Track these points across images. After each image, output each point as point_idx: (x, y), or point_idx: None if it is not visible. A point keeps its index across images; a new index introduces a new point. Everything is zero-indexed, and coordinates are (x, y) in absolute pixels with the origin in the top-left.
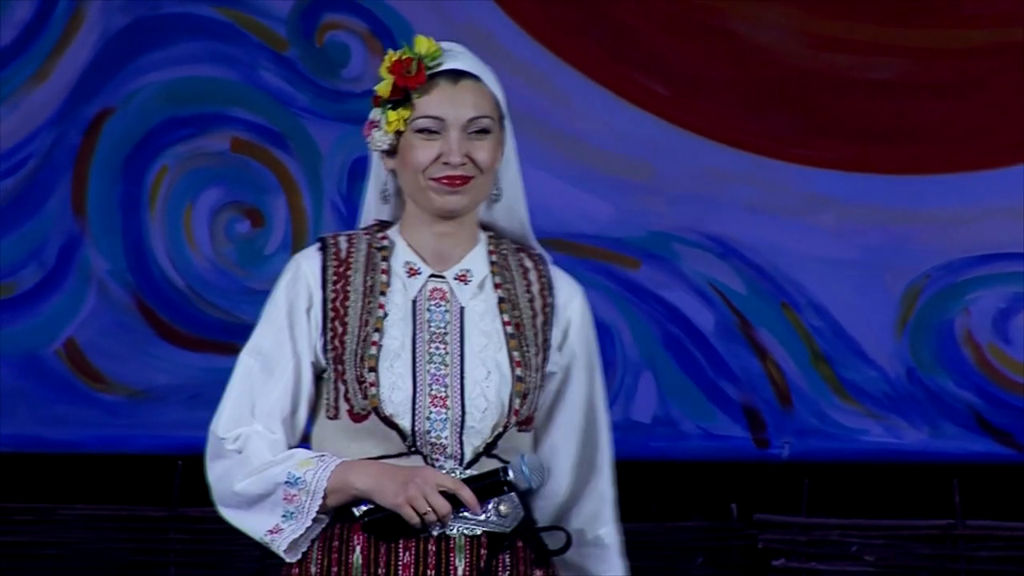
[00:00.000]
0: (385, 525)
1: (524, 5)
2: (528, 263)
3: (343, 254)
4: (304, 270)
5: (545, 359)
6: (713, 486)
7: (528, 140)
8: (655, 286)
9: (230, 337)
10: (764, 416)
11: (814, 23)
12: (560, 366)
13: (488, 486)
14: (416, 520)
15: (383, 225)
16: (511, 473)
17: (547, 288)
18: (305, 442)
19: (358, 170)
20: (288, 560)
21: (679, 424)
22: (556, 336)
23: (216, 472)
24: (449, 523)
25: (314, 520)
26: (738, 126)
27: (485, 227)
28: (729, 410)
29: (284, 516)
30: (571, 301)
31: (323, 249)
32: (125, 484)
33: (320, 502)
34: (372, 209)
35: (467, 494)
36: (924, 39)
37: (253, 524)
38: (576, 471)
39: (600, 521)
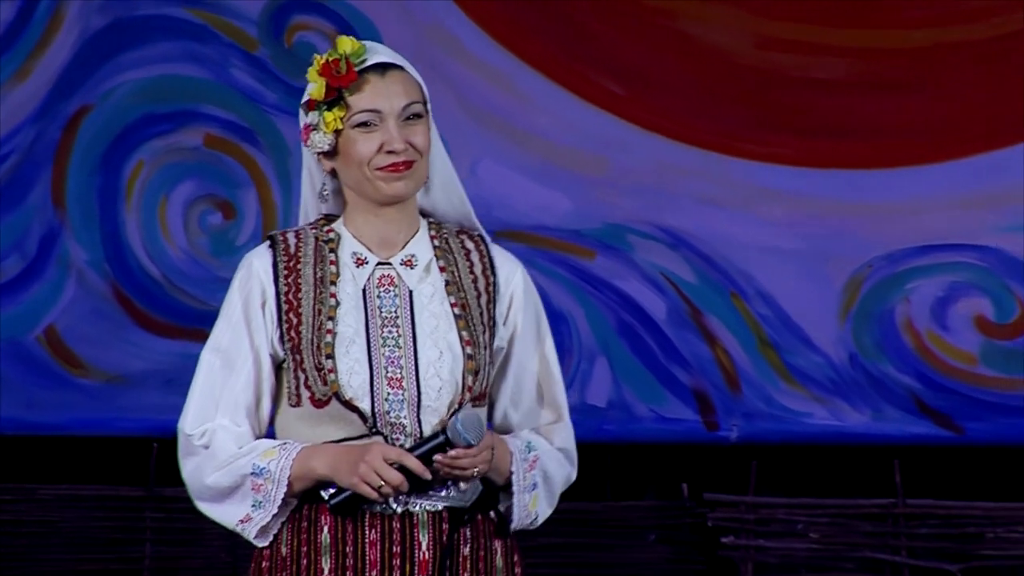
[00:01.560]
0: (349, 504)
1: (485, 8)
2: (469, 244)
3: (292, 249)
4: (256, 267)
5: (492, 335)
6: (665, 467)
7: (489, 137)
8: (610, 276)
9: (204, 324)
10: (713, 400)
11: (762, 24)
12: (506, 339)
13: (430, 449)
14: (374, 495)
15: (328, 219)
16: (449, 433)
17: (489, 268)
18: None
19: None
20: (259, 545)
21: (632, 408)
22: (500, 312)
23: (188, 468)
24: (406, 493)
25: (282, 506)
26: (689, 123)
27: (424, 214)
28: (680, 394)
29: (253, 505)
30: (512, 276)
31: (272, 246)
32: (103, 465)
33: (285, 489)
34: (310, 208)
35: (412, 462)
36: (867, 39)
37: (226, 515)
38: (529, 424)
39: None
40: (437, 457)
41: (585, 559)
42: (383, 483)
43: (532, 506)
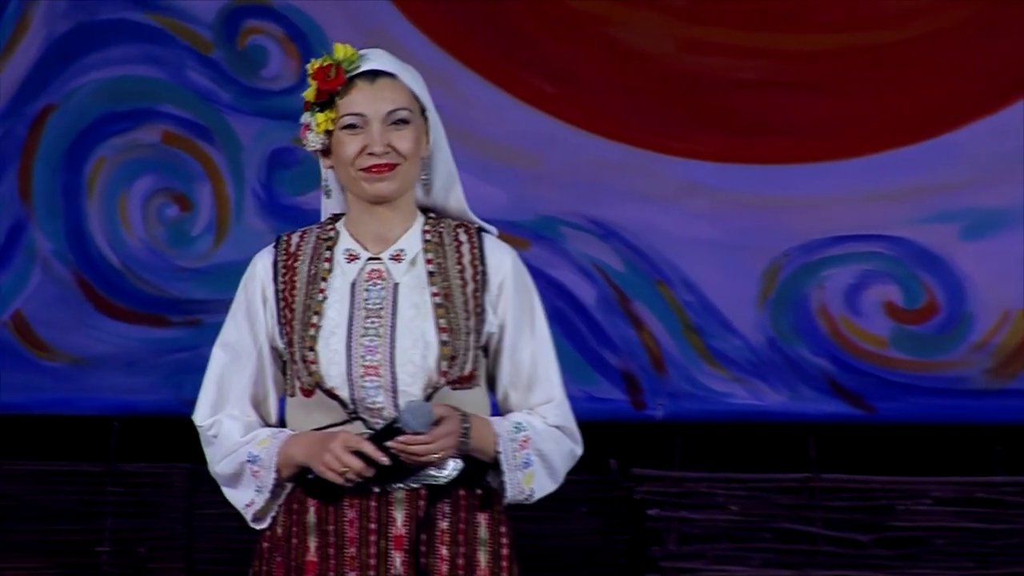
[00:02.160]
0: (324, 487)
1: (426, 14)
2: (463, 237)
3: (293, 248)
4: (258, 267)
5: (480, 321)
6: (595, 444)
7: None
8: (543, 265)
9: (161, 310)
10: (641, 381)
11: (686, 29)
12: (497, 325)
13: (384, 436)
14: (339, 480)
15: (336, 218)
16: (400, 419)
17: (478, 258)
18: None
19: (276, 160)
20: (256, 528)
21: (565, 388)
22: (490, 299)
23: (208, 457)
24: (385, 480)
25: (274, 490)
26: (618, 121)
27: (427, 210)
28: (610, 376)
29: (256, 490)
30: (502, 265)
31: (276, 245)
32: (66, 442)
33: (275, 476)
34: (327, 205)
35: (368, 447)
36: (783, 43)
37: (237, 499)
38: (524, 404)
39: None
40: (390, 443)
41: (520, 530)
42: (346, 469)
43: (527, 483)
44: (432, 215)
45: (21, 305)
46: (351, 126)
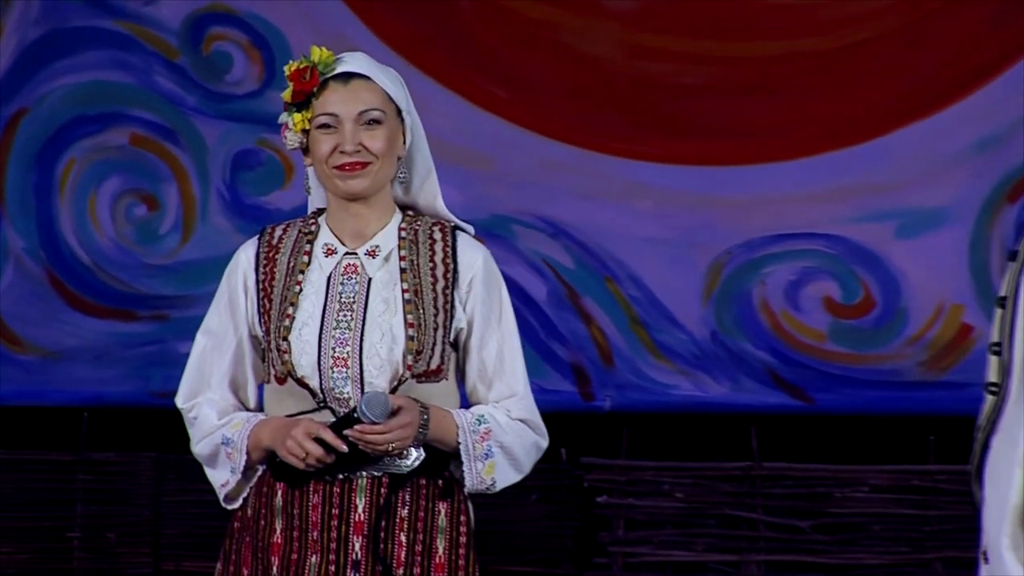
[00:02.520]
0: (289, 471)
1: (384, 20)
2: (438, 235)
3: (275, 241)
4: (241, 258)
5: (449, 316)
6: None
7: None
8: (496, 261)
9: (129, 306)
10: (589, 373)
11: (635, 36)
12: (467, 320)
13: (343, 424)
14: (300, 465)
15: (318, 212)
16: (357, 409)
17: (451, 255)
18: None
19: (239, 162)
20: (228, 508)
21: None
22: (460, 296)
23: (191, 438)
24: (346, 467)
25: (246, 472)
26: (568, 124)
27: (406, 207)
28: (559, 368)
29: (231, 471)
30: (473, 263)
31: (260, 237)
32: (38, 432)
33: (246, 459)
34: (312, 200)
35: (328, 436)
36: (729, 50)
37: (215, 479)
38: (491, 398)
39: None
40: (348, 431)
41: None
42: (306, 455)
43: (487, 473)
44: (410, 212)
45: None
46: (325, 125)
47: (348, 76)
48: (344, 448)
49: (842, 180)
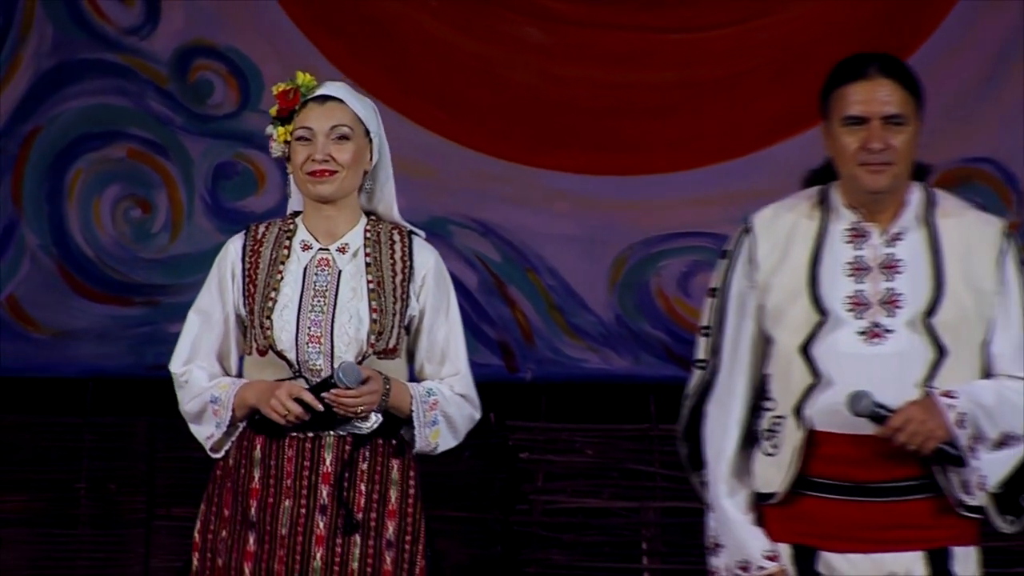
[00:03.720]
0: (269, 426)
1: (342, 55)
2: (396, 238)
3: (259, 236)
4: (230, 249)
5: (405, 305)
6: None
7: None
8: None
9: (126, 293)
10: (514, 350)
11: (553, 67)
12: (419, 309)
13: (320, 388)
14: (281, 421)
15: (296, 214)
16: (334, 375)
17: (408, 255)
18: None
19: (219, 172)
20: (214, 457)
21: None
22: (414, 289)
23: (179, 399)
24: (317, 425)
25: (229, 427)
26: (496, 141)
27: (369, 213)
28: (489, 345)
29: (216, 426)
30: (427, 262)
31: (246, 233)
32: (50, 399)
33: (231, 415)
34: (291, 203)
35: (308, 396)
36: (632, 78)
37: (200, 433)
38: (436, 376)
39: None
40: (325, 394)
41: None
42: (287, 412)
43: (433, 438)
44: (373, 217)
45: (14, 289)
46: (302, 138)
47: (325, 98)
48: (320, 408)
49: (727, 187)
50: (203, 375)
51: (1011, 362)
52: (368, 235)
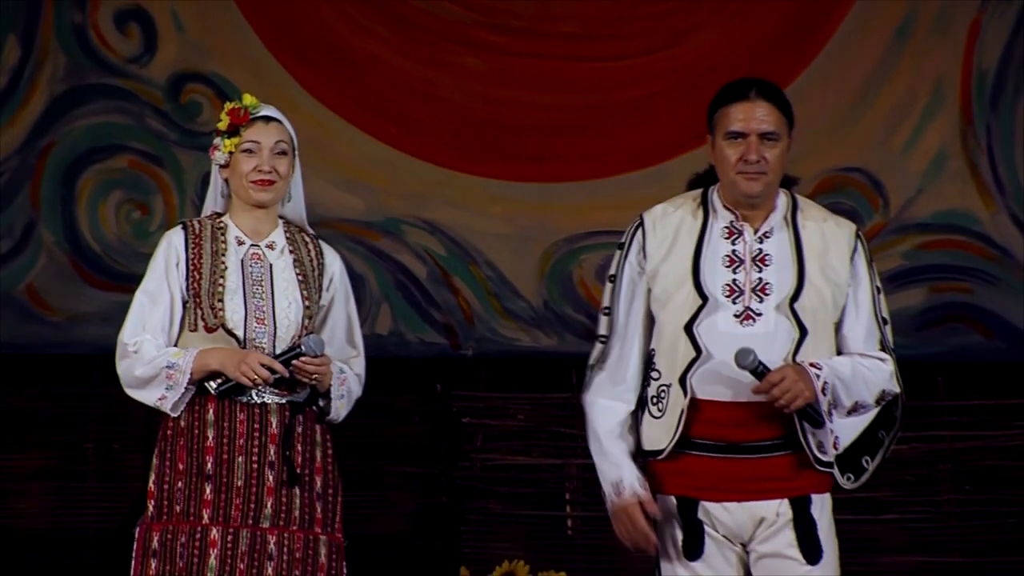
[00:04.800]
0: (231, 391)
1: (312, 80)
2: (307, 239)
3: (197, 230)
4: (173, 240)
5: (320, 296)
6: (426, 373)
7: (313, 161)
8: (390, 251)
9: (128, 282)
10: (457, 330)
11: (490, 90)
12: (327, 301)
13: (290, 357)
14: (249, 384)
15: (218, 215)
16: (303, 346)
17: (319, 255)
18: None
19: (206, 180)
20: (173, 415)
21: (404, 335)
22: (324, 283)
23: (123, 366)
24: (272, 386)
25: (186, 389)
26: (441, 153)
27: (282, 217)
28: (435, 327)
29: (166, 388)
30: (333, 263)
31: (184, 228)
32: (64, 372)
33: (189, 377)
34: (211, 204)
35: (278, 365)
36: (557, 100)
37: (148, 396)
38: (340, 357)
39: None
40: (295, 362)
41: (371, 432)
42: (256, 377)
43: (340, 408)
44: (285, 220)
45: (32, 279)
46: (249, 150)
47: (268, 118)
48: (287, 374)
49: (637, 193)
50: (151, 346)
51: (863, 343)
52: (287, 236)
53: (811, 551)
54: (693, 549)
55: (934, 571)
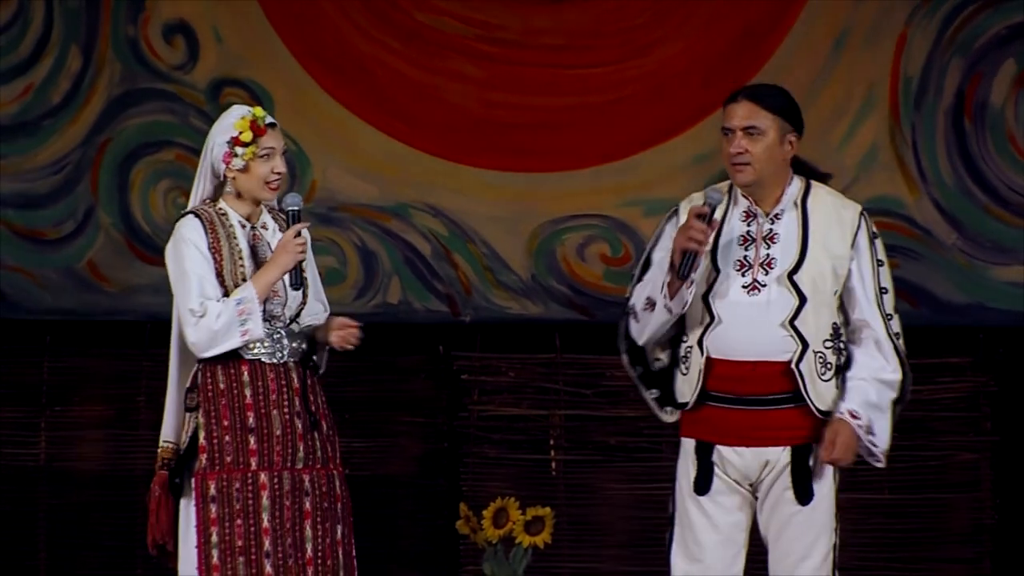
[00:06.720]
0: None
1: (333, 84)
2: (281, 216)
3: (207, 218)
4: (194, 226)
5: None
6: (431, 337)
7: (337, 155)
8: (400, 232)
9: None
10: (457, 300)
11: (486, 94)
12: (309, 271)
13: (293, 220)
14: (302, 256)
15: (213, 202)
16: (293, 206)
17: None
18: None
19: None
20: (262, 338)
21: (412, 304)
22: (309, 256)
23: (199, 329)
24: (307, 237)
25: (260, 315)
26: (444, 147)
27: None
28: (439, 297)
29: (241, 323)
30: (307, 238)
31: (197, 217)
32: (120, 336)
33: (257, 301)
34: (199, 195)
35: (298, 227)
36: (542, 102)
37: (232, 340)
38: (314, 312)
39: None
40: (342, 332)
41: (381, 387)
42: (300, 246)
43: (324, 362)
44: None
45: (92, 255)
46: (266, 155)
47: (273, 126)
48: (308, 223)
49: (611, 181)
50: (214, 304)
51: (867, 305)
52: (271, 216)
53: (803, 493)
54: (703, 485)
55: (866, 506)
